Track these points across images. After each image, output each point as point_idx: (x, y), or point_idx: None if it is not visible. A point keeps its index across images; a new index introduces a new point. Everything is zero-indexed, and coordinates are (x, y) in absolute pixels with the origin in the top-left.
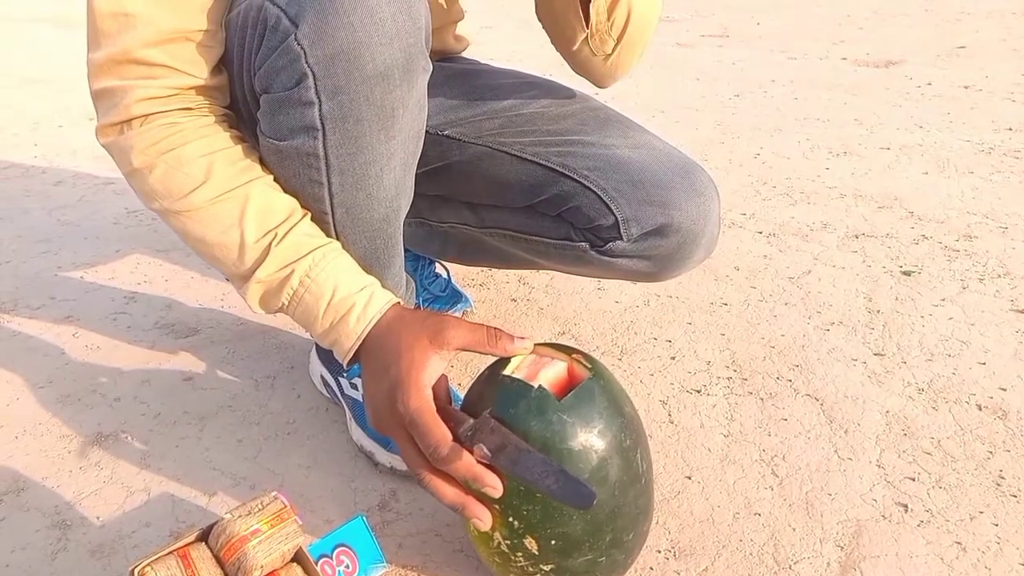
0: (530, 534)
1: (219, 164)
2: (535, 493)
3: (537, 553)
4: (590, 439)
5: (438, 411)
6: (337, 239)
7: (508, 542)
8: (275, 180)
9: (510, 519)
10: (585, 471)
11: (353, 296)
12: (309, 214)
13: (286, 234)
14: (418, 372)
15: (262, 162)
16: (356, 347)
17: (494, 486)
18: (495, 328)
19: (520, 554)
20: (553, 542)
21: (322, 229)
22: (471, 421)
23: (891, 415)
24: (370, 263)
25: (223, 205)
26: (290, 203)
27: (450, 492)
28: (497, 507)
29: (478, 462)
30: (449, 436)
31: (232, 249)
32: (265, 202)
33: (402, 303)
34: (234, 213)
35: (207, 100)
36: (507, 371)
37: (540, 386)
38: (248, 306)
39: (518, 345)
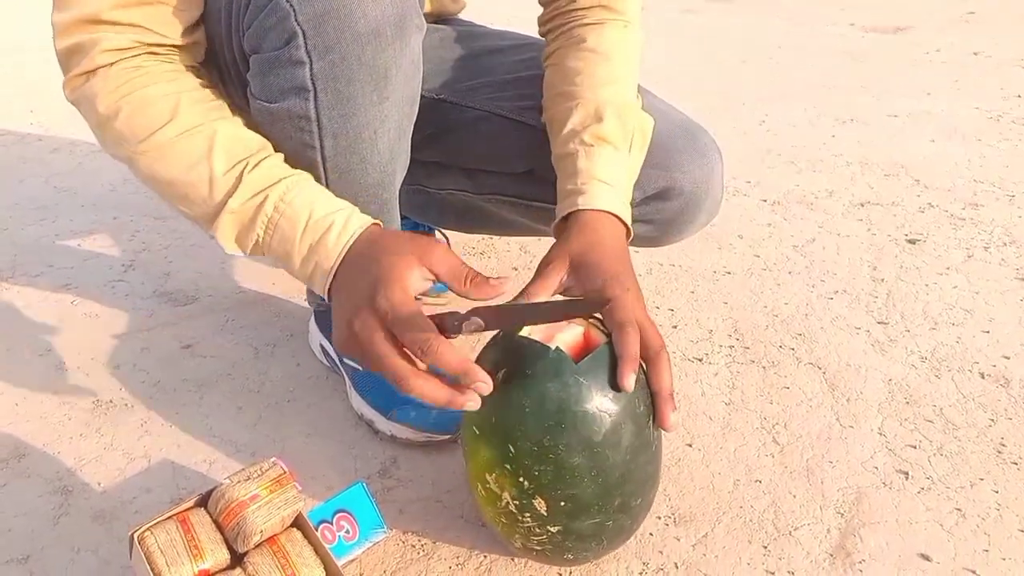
0: (540, 495)
1: (185, 103)
2: (548, 454)
3: (546, 514)
4: (605, 403)
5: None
6: None
7: (517, 502)
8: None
9: (521, 479)
10: (599, 434)
11: (331, 215)
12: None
13: (258, 164)
14: (401, 272)
15: (231, 108)
16: (336, 266)
17: (485, 381)
18: (475, 272)
19: (528, 515)
20: (563, 504)
21: None
22: (457, 312)
23: (893, 383)
24: None
25: (190, 140)
26: (260, 139)
27: (442, 387)
28: (508, 467)
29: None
30: (435, 328)
31: (202, 185)
32: (234, 135)
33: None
34: (202, 147)
35: (176, 54)
36: (523, 332)
37: (557, 348)
38: (222, 247)
39: (494, 285)
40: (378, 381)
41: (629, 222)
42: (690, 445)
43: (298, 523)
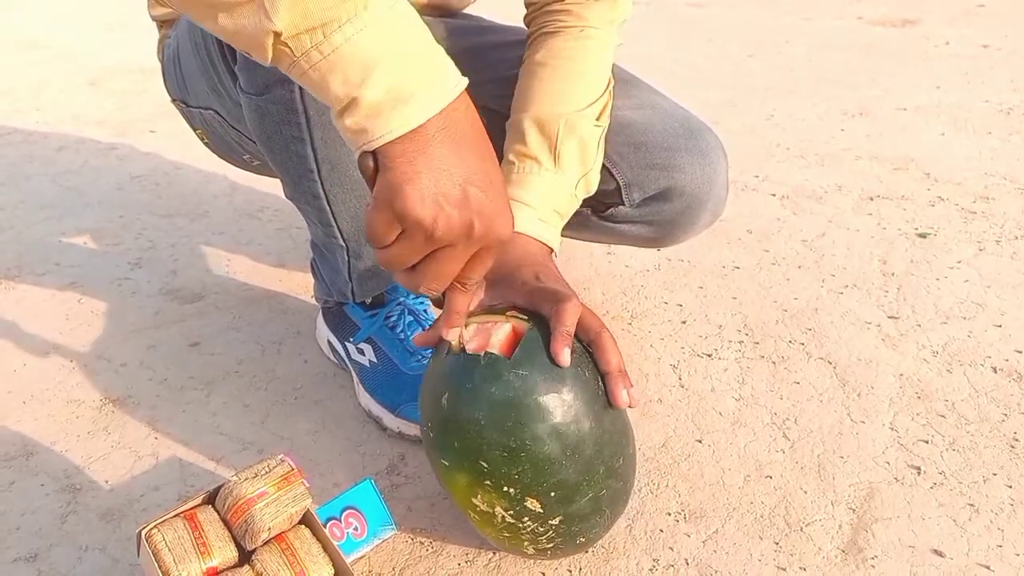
0: (529, 495)
1: None
2: (519, 453)
3: (542, 511)
4: (551, 384)
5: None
6: (325, 199)
7: (511, 512)
8: (257, 143)
9: (505, 488)
10: (557, 414)
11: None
12: None
13: None
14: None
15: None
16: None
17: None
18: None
19: (526, 518)
20: (553, 494)
21: (309, 188)
22: None
23: (905, 378)
24: (363, 224)
25: None
26: None
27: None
28: (488, 482)
29: None
30: None
31: None
32: None
33: None
34: None
35: None
36: (454, 346)
37: (487, 352)
38: (263, 48)
39: (452, 334)
40: (386, 378)
41: (549, 241)
42: (700, 441)
43: (306, 520)
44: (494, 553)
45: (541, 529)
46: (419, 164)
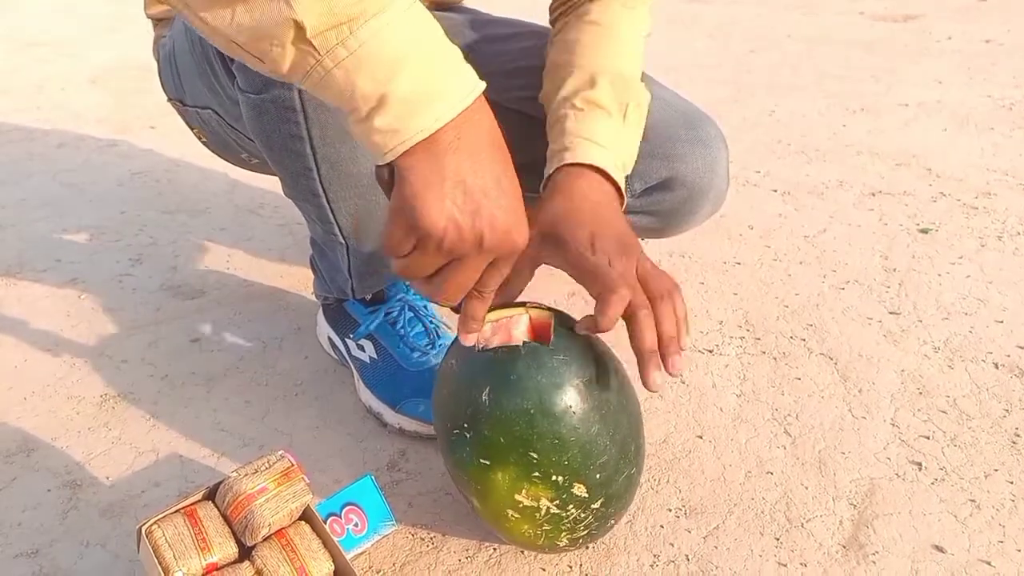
0: (576, 480)
1: None
2: (569, 438)
3: (587, 495)
4: (590, 366)
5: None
6: (324, 197)
7: (557, 501)
8: (256, 141)
9: (553, 477)
10: (598, 397)
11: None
12: None
13: None
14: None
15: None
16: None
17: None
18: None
19: (571, 506)
20: (598, 476)
21: (308, 186)
22: None
23: (906, 374)
24: (362, 221)
25: None
26: None
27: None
28: (537, 474)
29: None
30: None
31: None
32: None
33: None
34: None
35: None
36: (480, 346)
37: (524, 342)
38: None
39: (471, 339)
40: (386, 374)
41: (622, 185)
42: (701, 437)
43: (306, 516)
44: (495, 549)
45: (582, 515)
46: (434, 174)
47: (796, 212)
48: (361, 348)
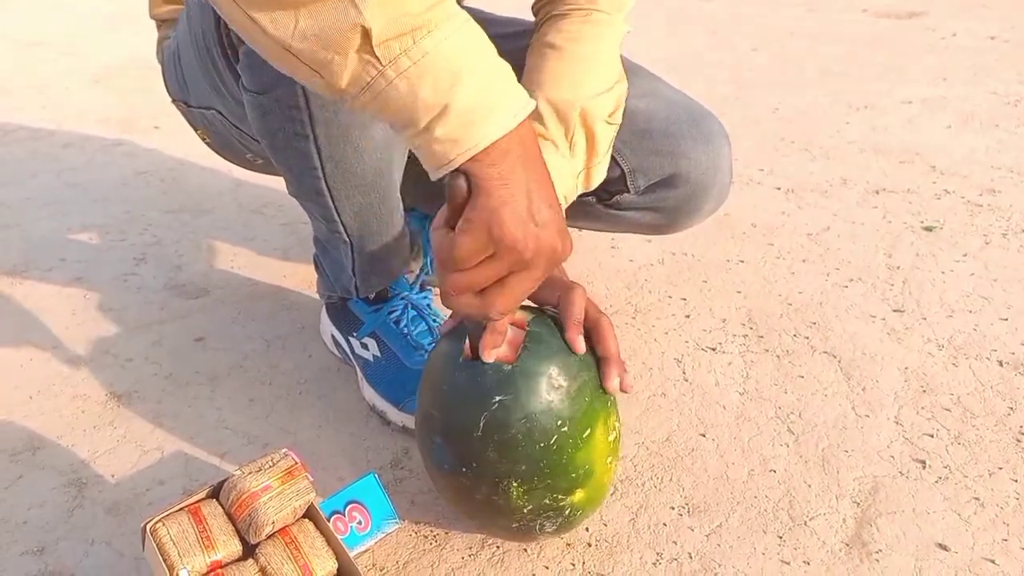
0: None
1: None
2: (590, 435)
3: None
4: (561, 363)
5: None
6: (328, 195)
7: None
8: (260, 140)
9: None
10: (579, 374)
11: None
12: None
13: None
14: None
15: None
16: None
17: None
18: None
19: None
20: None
21: (313, 186)
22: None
23: (910, 372)
24: (366, 219)
25: None
26: None
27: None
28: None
29: None
30: None
31: None
32: None
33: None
34: None
35: None
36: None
37: (514, 363)
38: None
39: (493, 355)
40: (390, 373)
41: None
42: (704, 435)
43: (310, 514)
44: (498, 547)
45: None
46: (511, 186)
47: (799, 210)
48: (365, 346)
